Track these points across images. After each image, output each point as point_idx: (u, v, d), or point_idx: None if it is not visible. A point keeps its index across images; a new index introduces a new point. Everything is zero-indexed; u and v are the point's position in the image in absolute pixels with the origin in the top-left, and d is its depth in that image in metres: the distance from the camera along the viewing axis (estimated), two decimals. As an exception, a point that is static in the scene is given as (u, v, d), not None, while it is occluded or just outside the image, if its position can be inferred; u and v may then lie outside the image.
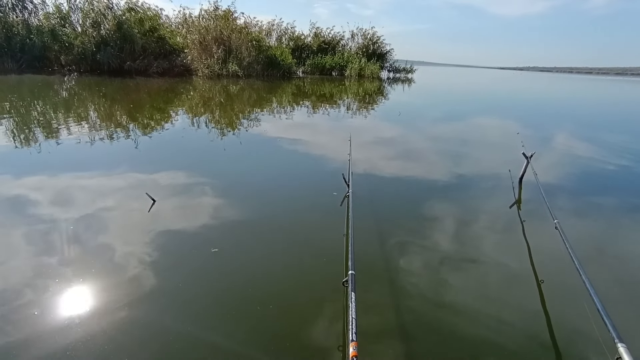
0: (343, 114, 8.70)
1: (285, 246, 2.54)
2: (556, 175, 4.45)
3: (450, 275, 2.25)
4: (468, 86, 24.52)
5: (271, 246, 2.52)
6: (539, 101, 16.18)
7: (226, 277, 2.15)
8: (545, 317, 1.90)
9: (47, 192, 3.17)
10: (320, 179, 4.00)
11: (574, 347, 1.74)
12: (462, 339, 1.75)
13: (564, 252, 1.99)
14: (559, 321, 1.88)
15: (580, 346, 1.75)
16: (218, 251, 2.39)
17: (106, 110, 7.66)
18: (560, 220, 2.26)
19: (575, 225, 3.11)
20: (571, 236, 2.09)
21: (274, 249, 2.49)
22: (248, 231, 2.70)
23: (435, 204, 3.39)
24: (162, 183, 3.52)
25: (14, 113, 6.69)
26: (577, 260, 1.70)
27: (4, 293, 1.90)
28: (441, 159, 5.06)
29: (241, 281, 2.11)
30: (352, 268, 1.61)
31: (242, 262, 2.31)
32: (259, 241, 2.58)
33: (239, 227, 2.75)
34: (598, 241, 2.90)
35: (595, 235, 3.01)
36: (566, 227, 2.22)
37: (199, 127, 6.45)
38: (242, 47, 16.06)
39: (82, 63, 14.01)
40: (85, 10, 14.18)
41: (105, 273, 2.09)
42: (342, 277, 2.07)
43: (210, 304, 1.91)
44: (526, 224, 3.04)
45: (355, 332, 1.21)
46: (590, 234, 3.03)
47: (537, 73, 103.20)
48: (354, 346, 1.16)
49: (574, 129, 8.55)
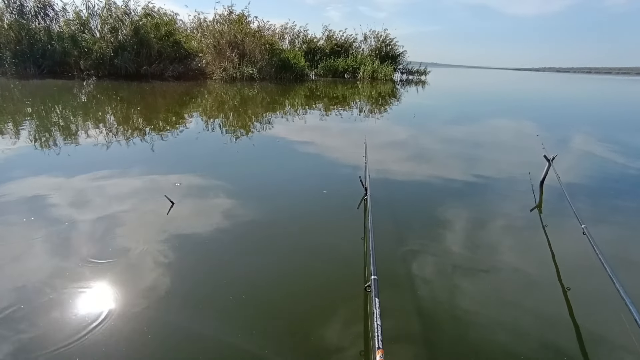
0: (356, 116, 8.65)
1: (302, 250, 2.51)
2: (577, 178, 4.32)
3: (472, 282, 2.19)
4: (483, 88, 24.16)
5: (287, 249, 2.50)
6: (556, 102, 15.83)
7: (243, 280, 2.14)
8: (574, 328, 1.82)
9: (66, 193, 3.22)
10: (334, 181, 3.97)
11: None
12: (489, 349, 1.69)
13: (592, 258, 1.91)
14: (590, 332, 1.80)
15: (616, 358, 1.67)
16: (235, 254, 2.39)
17: (123, 113, 7.79)
18: (586, 225, 2.18)
19: (602, 230, 3.00)
20: (598, 242, 2.01)
21: (290, 252, 2.47)
22: (265, 234, 2.69)
23: (454, 207, 3.32)
24: (178, 185, 3.54)
25: (35, 117, 6.86)
26: (609, 267, 1.63)
27: (24, 291, 1.93)
28: (458, 162, 4.97)
29: (258, 285, 2.09)
30: (375, 273, 1.56)
31: (260, 265, 2.29)
32: (276, 244, 2.56)
33: (256, 230, 2.74)
34: (627, 247, 2.78)
35: (623, 241, 2.89)
36: (592, 233, 2.13)
37: (213, 129, 6.50)
38: (255, 51, 16.19)
39: (101, 68, 14.31)
40: (104, 16, 14.50)
41: (126, 274, 2.10)
42: (361, 281, 2.04)
43: (228, 307, 1.90)
44: (549, 229, 2.95)
45: (381, 339, 1.17)
46: (618, 239, 2.90)
47: (554, 74, 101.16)
48: (380, 354, 1.12)
49: (594, 131, 8.31)
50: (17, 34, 13.25)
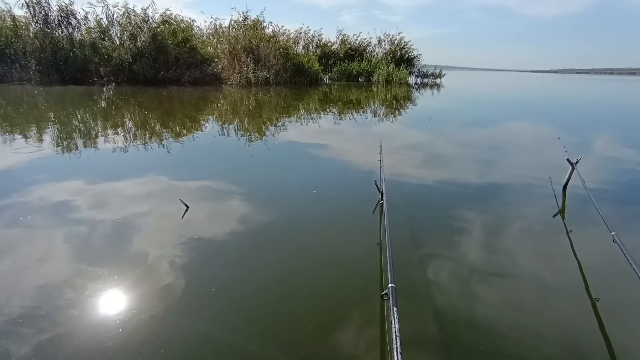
0: (370, 119, 8.59)
1: (316, 255, 2.47)
2: (603, 183, 4.14)
3: (493, 290, 2.11)
4: (499, 90, 23.72)
5: (301, 254, 2.47)
6: (577, 105, 15.40)
7: (258, 285, 2.11)
8: (604, 341, 1.72)
9: (85, 196, 3.27)
10: (348, 185, 3.92)
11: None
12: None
13: (623, 267, 1.81)
14: (622, 347, 1.69)
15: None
16: (250, 259, 2.37)
17: (141, 118, 7.94)
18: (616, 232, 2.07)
19: (632, 238, 2.85)
20: (630, 250, 1.90)
21: (304, 256, 2.43)
22: (278, 239, 2.66)
23: (472, 212, 3.22)
24: (193, 188, 3.56)
25: (57, 122, 7.05)
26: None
27: (45, 291, 1.95)
28: (475, 165, 4.85)
29: (272, 290, 2.06)
30: (392, 280, 1.50)
31: (274, 271, 2.26)
32: (289, 248, 2.53)
33: (270, 235, 2.71)
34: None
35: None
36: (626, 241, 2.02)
37: (228, 134, 6.55)
38: (270, 56, 16.32)
39: (120, 74, 14.67)
40: (123, 24, 14.89)
41: (142, 276, 2.11)
42: (377, 288, 1.99)
43: (243, 311, 1.87)
44: (573, 235, 2.82)
45: (400, 351, 1.10)
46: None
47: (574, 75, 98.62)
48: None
49: (618, 134, 8.02)
50: (42, 43, 13.72)
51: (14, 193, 3.29)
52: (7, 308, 1.83)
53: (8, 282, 2.05)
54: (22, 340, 1.63)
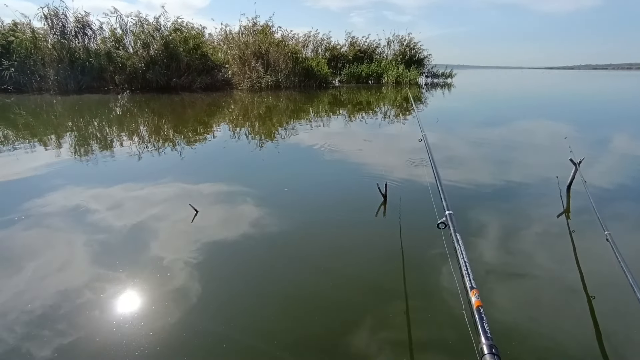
0: (380, 121, 8.65)
1: (329, 259, 2.54)
2: (610, 183, 4.12)
3: (495, 288, 2.16)
4: (512, 89, 23.42)
5: (314, 257, 2.56)
6: (590, 103, 15.12)
7: (272, 288, 2.21)
8: (596, 338, 1.77)
9: (101, 201, 3.43)
10: (359, 188, 3.99)
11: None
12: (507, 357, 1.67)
13: (618, 266, 1.84)
14: (613, 343, 1.74)
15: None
16: (262, 261, 2.47)
17: (155, 124, 8.18)
18: (614, 232, 2.10)
19: (630, 238, 2.87)
20: (627, 251, 1.94)
21: (316, 259, 2.52)
22: (289, 242, 2.76)
23: (478, 212, 3.25)
24: (204, 192, 3.69)
25: (75, 130, 7.33)
26: (631, 276, 1.57)
27: (65, 293, 2.09)
28: (483, 165, 4.87)
29: (287, 292, 2.16)
30: (448, 207, 1.37)
31: (286, 274, 2.36)
32: (303, 251, 2.63)
33: (280, 237, 2.80)
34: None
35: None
36: (622, 240, 2.05)
37: (239, 138, 6.70)
38: (279, 60, 16.52)
39: (134, 82, 15.08)
40: (137, 32, 15.31)
41: (155, 279, 2.23)
42: (396, 293, 2.05)
43: (257, 314, 1.97)
44: (576, 235, 2.85)
45: (472, 277, 1.01)
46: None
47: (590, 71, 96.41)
48: (475, 294, 0.95)
49: (633, 132, 7.88)
50: (59, 53, 14.22)
51: (36, 198, 3.48)
52: (28, 312, 1.95)
53: (30, 285, 2.20)
54: (43, 343, 1.74)
